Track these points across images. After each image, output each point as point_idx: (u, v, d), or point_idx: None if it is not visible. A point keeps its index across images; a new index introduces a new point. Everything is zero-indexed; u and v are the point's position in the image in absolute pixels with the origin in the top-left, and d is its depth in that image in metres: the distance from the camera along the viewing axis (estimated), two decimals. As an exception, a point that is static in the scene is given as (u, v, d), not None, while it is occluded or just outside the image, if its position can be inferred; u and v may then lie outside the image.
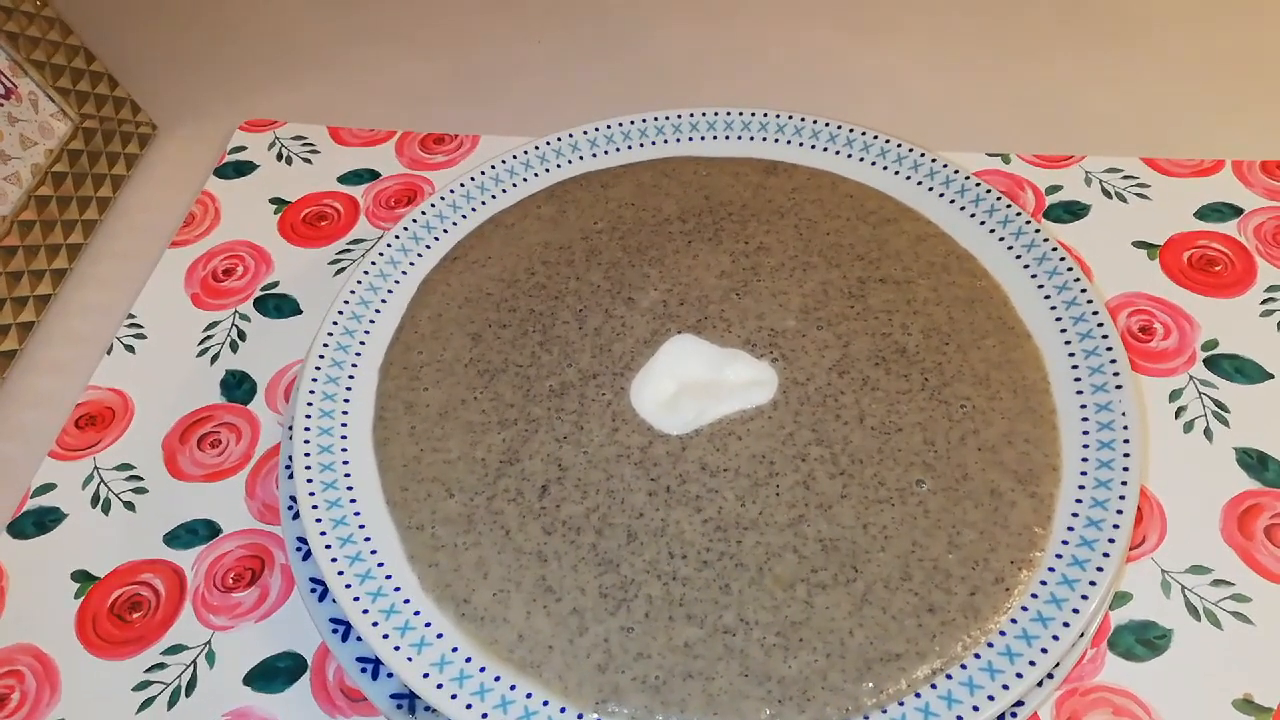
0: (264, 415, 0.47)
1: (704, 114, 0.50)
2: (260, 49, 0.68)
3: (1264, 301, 0.48)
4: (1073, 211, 0.53)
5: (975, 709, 0.31)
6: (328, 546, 0.36)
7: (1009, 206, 0.44)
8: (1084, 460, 0.37)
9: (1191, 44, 0.62)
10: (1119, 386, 0.38)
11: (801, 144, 0.49)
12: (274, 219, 0.56)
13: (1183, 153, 0.55)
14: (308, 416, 0.40)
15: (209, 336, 0.51)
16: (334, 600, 0.37)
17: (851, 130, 0.49)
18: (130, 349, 0.51)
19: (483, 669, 0.33)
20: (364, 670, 0.36)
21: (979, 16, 0.66)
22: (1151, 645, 0.38)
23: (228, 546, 0.43)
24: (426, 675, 0.33)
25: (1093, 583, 0.33)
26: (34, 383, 0.50)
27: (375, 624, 0.34)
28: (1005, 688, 0.32)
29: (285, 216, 0.56)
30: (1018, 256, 0.43)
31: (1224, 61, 0.61)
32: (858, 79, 0.63)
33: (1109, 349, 0.39)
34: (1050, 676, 0.35)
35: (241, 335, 0.51)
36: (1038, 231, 0.43)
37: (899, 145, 0.48)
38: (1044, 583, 0.34)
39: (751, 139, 0.50)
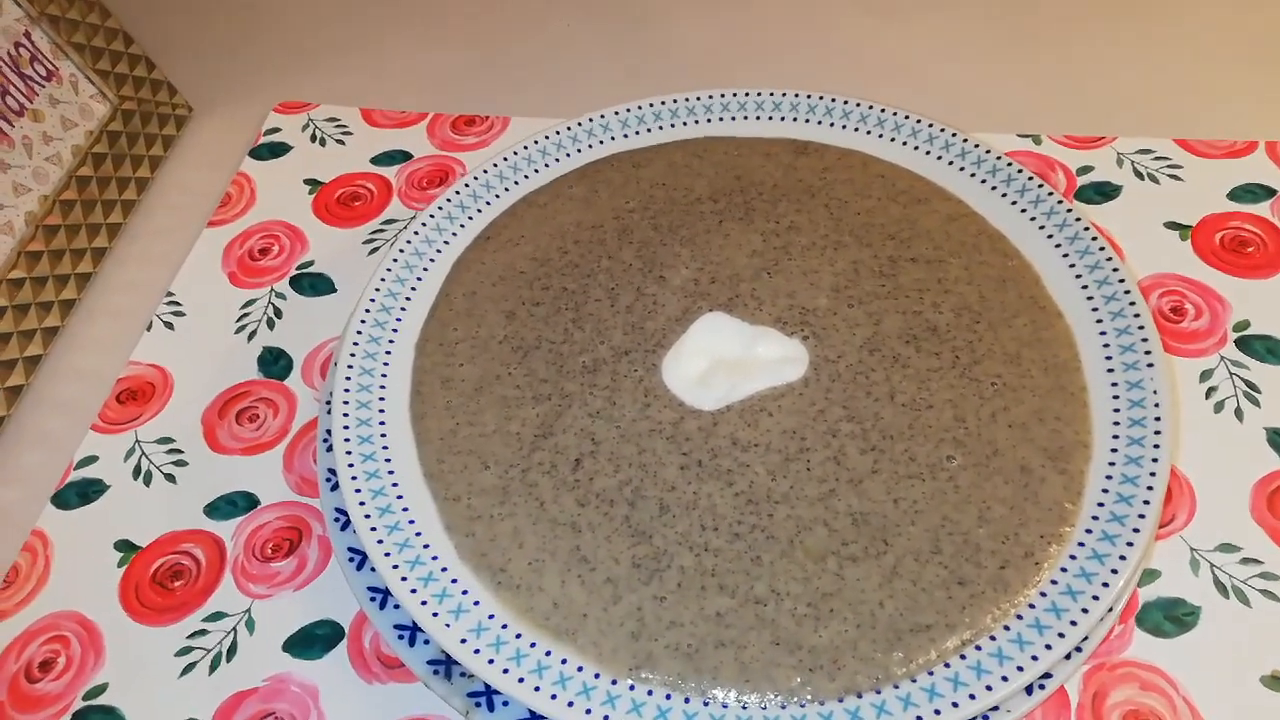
0: (300, 391, 0.48)
1: (735, 95, 0.51)
2: (293, 33, 0.69)
3: (1297, 283, 0.48)
4: (1104, 192, 0.53)
5: (1004, 679, 0.32)
6: (367, 516, 0.37)
7: (1040, 186, 0.45)
8: (1115, 438, 0.37)
9: (1225, 24, 0.62)
10: (1150, 365, 0.38)
11: (832, 124, 0.49)
12: (308, 199, 0.57)
13: (1216, 134, 0.54)
14: (346, 391, 0.40)
15: (246, 314, 0.52)
16: (373, 569, 0.38)
17: (883, 111, 0.49)
18: (169, 326, 0.52)
19: (518, 635, 0.34)
20: (401, 637, 0.37)
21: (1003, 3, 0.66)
22: (1179, 622, 0.38)
23: (266, 518, 0.44)
24: (464, 640, 0.33)
25: (1122, 557, 0.34)
26: (76, 358, 0.51)
27: (414, 591, 0.35)
28: (1034, 659, 0.32)
29: (319, 197, 0.57)
30: (1049, 236, 0.43)
31: (1258, 42, 0.60)
32: (888, 60, 0.63)
33: (1140, 327, 0.39)
34: (1079, 650, 0.35)
35: (278, 313, 0.52)
36: (1069, 211, 0.43)
37: (930, 125, 0.48)
38: (1073, 557, 0.34)
39: (783, 119, 0.50)
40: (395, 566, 0.35)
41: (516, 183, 0.49)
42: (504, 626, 0.34)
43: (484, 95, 0.62)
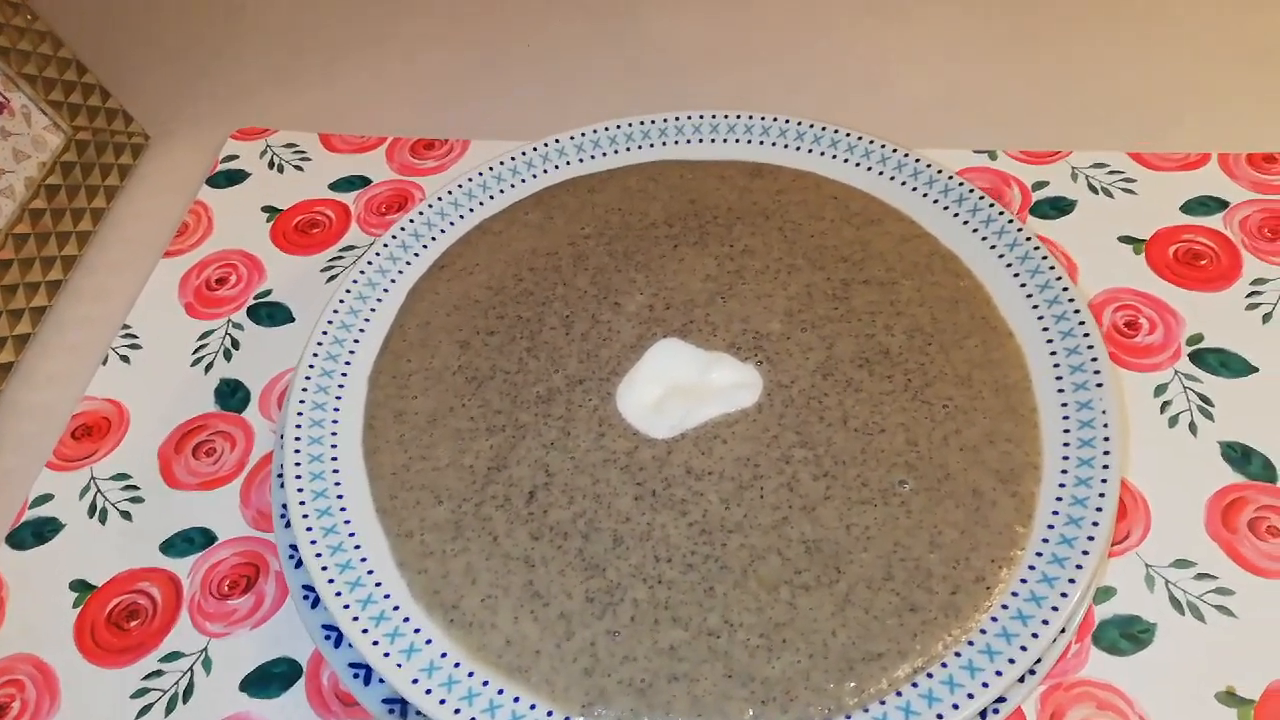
0: (258, 423, 0.48)
1: (690, 117, 0.51)
2: (251, 58, 0.69)
3: (1249, 295, 0.48)
4: (1059, 207, 0.53)
5: (955, 707, 0.32)
6: (318, 555, 0.36)
7: (991, 205, 0.45)
8: (1065, 459, 0.37)
9: (1178, 38, 0.62)
10: (1099, 384, 0.38)
11: (786, 146, 0.49)
12: (266, 227, 0.57)
13: (1169, 146, 0.55)
14: (298, 426, 0.40)
15: (203, 345, 0.51)
16: (326, 607, 0.38)
17: (836, 131, 0.49)
18: (125, 359, 0.51)
19: (471, 674, 0.34)
20: (356, 676, 0.36)
21: (966, 13, 0.66)
22: (1135, 639, 0.38)
23: (223, 554, 0.44)
24: (416, 681, 0.33)
25: (1072, 580, 0.34)
26: (30, 394, 0.51)
27: (365, 631, 0.34)
28: (985, 685, 0.32)
29: (277, 224, 0.57)
30: (1000, 255, 0.44)
31: (1210, 54, 0.61)
32: (846, 78, 0.63)
33: (1090, 347, 0.40)
34: (1033, 672, 0.35)
35: (235, 344, 0.51)
36: (1020, 230, 0.44)
37: (883, 146, 0.48)
38: (1024, 581, 0.35)
39: (737, 141, 0.50)
40: (347, 606, 0.35)
41: (472, 209, 0.49)
42: (456, 665, 0.34)
43: (443, 119, 0.62)
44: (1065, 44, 0.63)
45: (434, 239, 0.48)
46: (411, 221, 0.48)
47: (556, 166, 0.50)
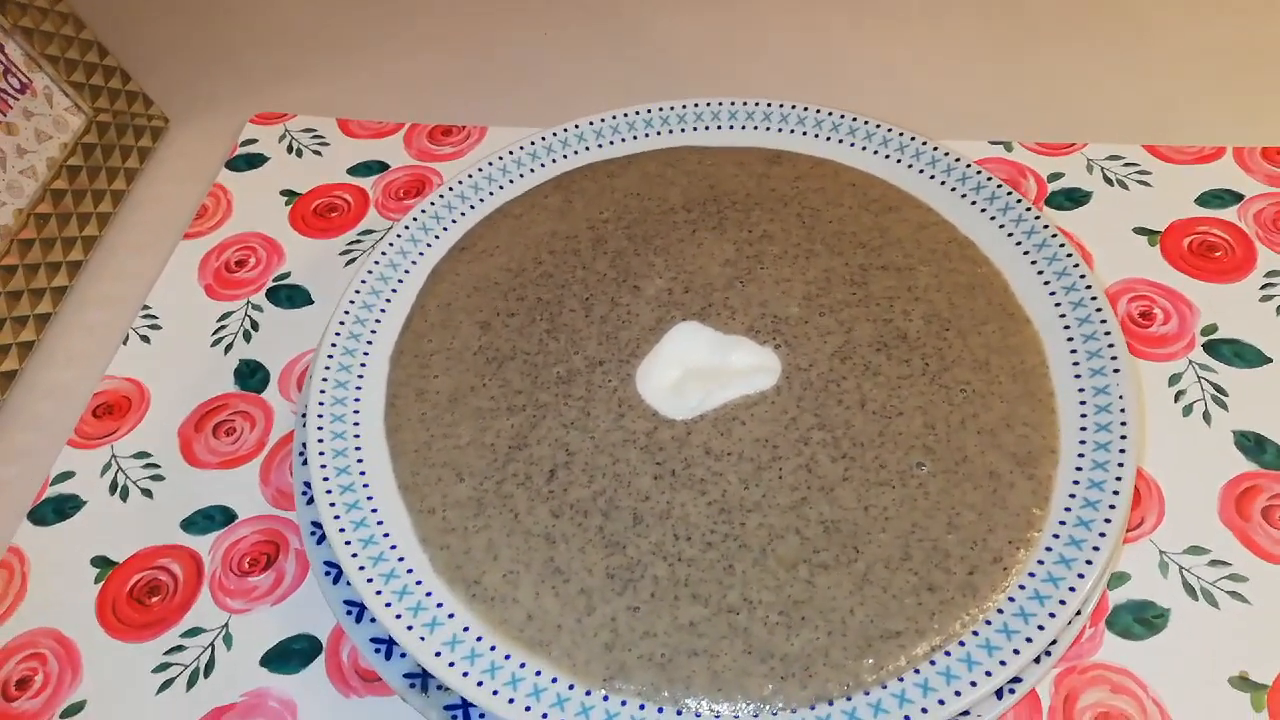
0: (278, 404, 0.48)
1: (708, 104, 0.51)
2: (270, 42, 0.69)
3: (1263, 287, 0.48)
4: (1074, 199, 0.53)
5: (973, 684, 0.32)
6: (342, 530, 0.37)
7: (1009, 194, 0.45)
8: (1081, 443, 0.38)
9: (1194, 31, 0.62)
10: (1116, 370, 0.39)
11: (804, 133, 0.50)
12: (285, 210, 0.57)
13: (1184, 140, 0.55)
14: (321, 404, 0.41)
15: (223, 326, 0.52)
16: (348, 583, 0.38)
17: (854, 119, 0.49)
18: (146, 339, 0.52)
19: (493, 647, 0.34)
20: (378, 650, 0.37)
21: (983, 5, 0.66)
22: (1149, 624, 0.39)
23: (243, 532, 0.44)
24: (438, 654, 0.34)
25: (1089, 561, 0.34)
26: (52, 373, 0.51)
27: (388, 605, 0.35)
28: (1003, 664, 0.32)
29: (296, 208, 0.57)
30: (1018, 243, 0.44)
31: (1226, 49, 0.61)
32: (862, 68, 0.63)
33: (1107, 334, 0.40)
34: (1048, 654, 0.35)
35: (254, 325, 0.52)
36: (1037, 218, 0.44)
37: (901, 134, 0.48)
38: (1041, 562, 0.35)
39: (755, 128, 0.50)
40: (370, 580, 0.35)
41: (491, 193, 0.49)
42: (479, 639, 0.34)
43: (460, 105, 0.62)
44: (1081, 40, 0.63)
45: (454, 221, 0.48)
46: (432, 204, 0.48)
47: (575, 152, 0.50)
